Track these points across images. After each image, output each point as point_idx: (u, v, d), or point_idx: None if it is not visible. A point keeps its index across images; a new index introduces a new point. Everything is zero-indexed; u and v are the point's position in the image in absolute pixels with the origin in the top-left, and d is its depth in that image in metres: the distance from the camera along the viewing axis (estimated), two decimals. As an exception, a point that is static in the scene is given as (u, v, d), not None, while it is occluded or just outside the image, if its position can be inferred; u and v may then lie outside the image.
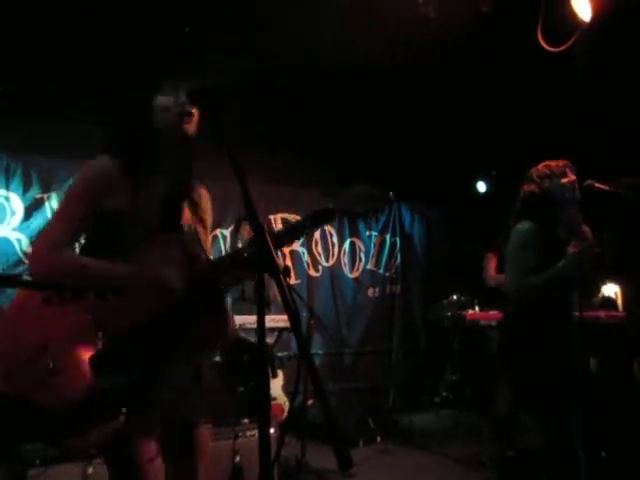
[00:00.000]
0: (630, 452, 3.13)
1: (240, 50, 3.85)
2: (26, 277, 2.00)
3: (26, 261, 1.59)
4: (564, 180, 2.57)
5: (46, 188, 4.51)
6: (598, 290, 2.68)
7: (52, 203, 4.52)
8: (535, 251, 2.51)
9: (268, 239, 1.22)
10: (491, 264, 4.81)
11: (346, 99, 4.60)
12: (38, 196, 4.47)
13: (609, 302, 4.53)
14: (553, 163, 2.64)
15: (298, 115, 4.81)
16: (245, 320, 3.71)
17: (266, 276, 1.25)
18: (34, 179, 4.47)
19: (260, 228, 1.23)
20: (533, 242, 2.53)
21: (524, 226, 2.58)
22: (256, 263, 1.23)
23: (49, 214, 4.49)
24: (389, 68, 4.15)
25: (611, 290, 4.71)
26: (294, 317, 1.24)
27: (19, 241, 4.36)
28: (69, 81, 4.24)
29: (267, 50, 3.87)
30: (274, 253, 1.22)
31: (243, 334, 3.89)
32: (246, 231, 4.14)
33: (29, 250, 1.52)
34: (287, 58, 3.94)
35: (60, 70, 4.06)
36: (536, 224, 2.56)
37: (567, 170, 2.59)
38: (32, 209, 4.44)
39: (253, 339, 3.85)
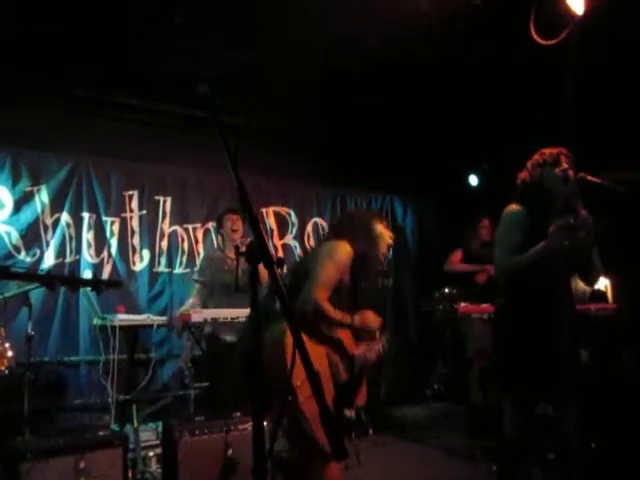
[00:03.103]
0: (620, 443, 3.16)
1: (240, 43, 3.83)
2: (16, 270, 1.99)
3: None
4: (556, 169, 2.58)
5: (35, 181, 4.45)
6: (597, 276, 2.68)
7: (42, 196, 4.47)
8: (520, 232, 2.55)
9: (262, 230, 1.21)
10: (455, 257, 4.96)
11: (342, 94, 4.59)
12: (27, 189, 4.41)
13: (599, 295, 4.56)
14: (548, 151, 2.64)
15: (294, 109, 4.78)
16: (238, 313, 3.70)
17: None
18: (23, 172, 4.41)
19: (254, 219, 1.22)
20: (519, 224, 2.57)
21: (512, 209, 2.63)
22: (250, 254, 1.22)
23: (39, 207, 4.45)
24: (382, 63, 4.14)
25: (601, 283, 4.75)
26: (286, 307, 1.23)
27: (8, 234, 4.32)
28: (59, 72, 4.20)
29: (268, 43, 3.84)
30: (268, 244, 1.22)
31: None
32: (229, 221, 4.11)
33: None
34: (287, 52, 3.92)
35: (50, 61, 4.01)
36: (526, 209, 2.60)
37: (561, 158, 2.59)
38: (21, 202, 4.38)
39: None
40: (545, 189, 2.59)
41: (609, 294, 4.71)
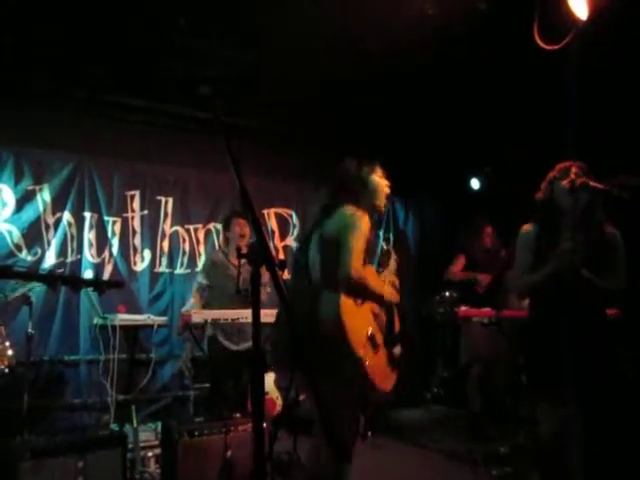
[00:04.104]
0: (619, 446, 3.15)
1: (240, 43, 3.83)
2: (17, 269, 1.99)
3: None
4: (564, 182, 2.57)
5: (38, 180, 4.46)
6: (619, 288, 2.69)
7: (44, 195, 4.47)
8: (531, 252, 2.61)
9: (264, 232, 1.21)
10: (458, 263, 4.95)
11: (343, 96, 4.58)
12: (30, 188, 4.42)
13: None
14: (559, 166, 2.66)
15: (295, 110, 4.79)
16: (239, 314, 3.69)
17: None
18: (26, 171, 4.41)
19: (256, 220, 1.22)
20: (529, 244, 2.63)
21: (524, 229, 2.70)
22: (253, 256, 1.22)
23: (41, 206, 4.45)
24: (383, 64, 4.13)
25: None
26: (288, 310, 1.23)
27: (10, 233, 4.32)
28: (61, 73, 4.20)
29: (268, 43, 3.85)
30: (270, 246, 1.22)
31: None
32: (237, 226, 4.11)
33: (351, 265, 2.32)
34: (287, 52, 3.92)
35: (51, 60, 4.02)
36: (537, 228, 2.65)
37: (571, 169, 2.58)
38: (23, 201, 4.39)
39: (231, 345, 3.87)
40: (555, 205, 2.61)
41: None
